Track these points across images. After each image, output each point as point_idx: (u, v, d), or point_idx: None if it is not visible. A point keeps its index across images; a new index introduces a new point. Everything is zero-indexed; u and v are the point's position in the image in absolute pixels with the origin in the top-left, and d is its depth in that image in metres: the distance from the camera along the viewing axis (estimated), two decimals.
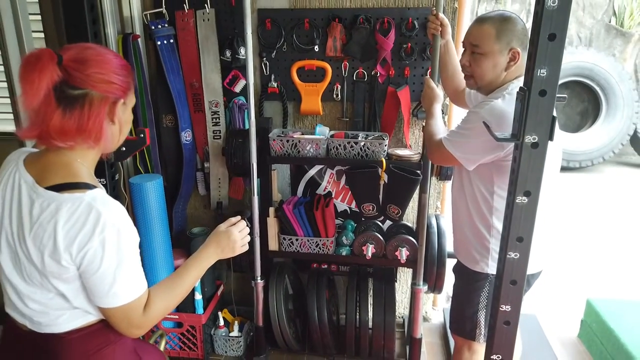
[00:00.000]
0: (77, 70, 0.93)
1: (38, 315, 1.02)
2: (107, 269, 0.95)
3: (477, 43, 1.46)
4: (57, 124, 0.93)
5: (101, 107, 0.97)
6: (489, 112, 1.40)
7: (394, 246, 2.04)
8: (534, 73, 1.11)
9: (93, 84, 0.95)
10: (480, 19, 1.49)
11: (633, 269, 3.35)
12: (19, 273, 1.00)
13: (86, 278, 0.96)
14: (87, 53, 0.96)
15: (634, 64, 6.23)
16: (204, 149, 2.25)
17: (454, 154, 1.47)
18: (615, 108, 5.62)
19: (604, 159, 5.66)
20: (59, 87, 0.92)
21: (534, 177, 1.19)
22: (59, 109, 0.93)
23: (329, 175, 2.28)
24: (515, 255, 1.26)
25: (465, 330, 1.66)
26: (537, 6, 1.09)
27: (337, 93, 2.15)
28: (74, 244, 0.92)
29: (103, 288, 0.96)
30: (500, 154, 1.41)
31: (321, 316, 2.11)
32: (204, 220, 2.45)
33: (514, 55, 1.43)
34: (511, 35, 1.42)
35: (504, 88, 1.46)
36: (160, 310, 1.06)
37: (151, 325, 1.06)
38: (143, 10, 2.12)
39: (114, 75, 0.97)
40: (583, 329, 2.47)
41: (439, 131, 1.60)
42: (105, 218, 0.93)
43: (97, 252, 0.93)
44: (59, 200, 0.94)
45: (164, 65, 2.08)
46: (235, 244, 1.21)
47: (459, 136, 1.48)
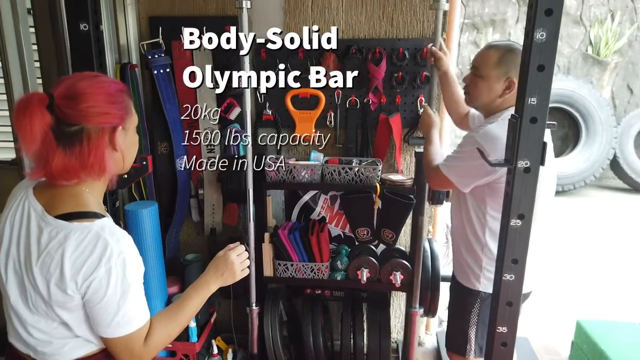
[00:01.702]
0: (69, 107, 0.92)
1: (42, 344, 1.01)
2: (111, 298, 0.95)
3: (477, 65, 1.55)
4: (60, 164, 0.94)
5: (100, 140, 0.96)
6: (482, 135, 1.47)
7: (388, 270, 2.06)
8: (524, 101, 1.17)
9: (87, 119, 0.94)
10: (490, 45, 1.58)
11: (620, 290, 3.41)
12: (25, 302, 0.99)
13: (90, 307, 0.96)
14: (77, 87, 0.94)
15: (611, 90, 6.47)
16: (198, 175, 2.27)
17: (450, 178, 1.53)
18: (594, 133, 5.79)
19: (585, 182, 5.80)
20: (55, 127, 0.92)
21: (527, 201, 1.24)
22: (59, 148, 0.93)
23: (323, 200, 2.31)
24: (510, 277, 1.29)
25: (457, 347, 1.70)
26: (526, 39, 1.16)
27: (331, 120, 2.20)
28: (80, 273, 0.93)
29: (106, 318, 0.96)
30: (494, 177, 1.48)
31: (316, 342, 2.11)
32: (197, 247, 2.45)
33: (509, 84, 1.51)
34: (511, 65, 1.49)
35: (499, 114, 1.53)
36: (161, 340, 1.06)
37: (152, 356, 1.05)
38: (140, 40, 2.16)
39: (107, 105, 0.96)
40: (574, 351, 2.49)
41: (436, 157, 1.66)
42: (112, 247, 0.93)
43: (103, 281, 0.93)
44: (68, 229, 0.94)
45: (160, 93, 2.12)
46: (234, 268, 1.20)
47: (455, 160, 1.54)
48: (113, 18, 2.06)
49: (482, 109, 1.61)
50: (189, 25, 2.06)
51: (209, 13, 2.16)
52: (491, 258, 1.54)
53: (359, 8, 2.11)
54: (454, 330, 1.71)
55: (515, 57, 1.49)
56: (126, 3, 2.09)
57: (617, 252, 4.14)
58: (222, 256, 1.21)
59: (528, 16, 1.14)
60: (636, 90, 6.51)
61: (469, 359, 1.67)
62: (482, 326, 1.62)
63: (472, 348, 1.65)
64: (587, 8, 6.31)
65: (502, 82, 1.51)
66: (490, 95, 1.53)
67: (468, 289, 1.64)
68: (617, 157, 5.84)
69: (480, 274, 1.60)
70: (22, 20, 1.85)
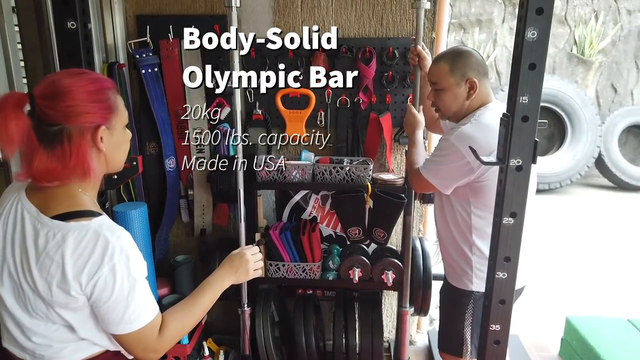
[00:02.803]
0: (48, 107, 0.90)
1: (41, 348, 0.99)
2: (119, 295, 0.94)
3: (435, 80, 1.58)
4: (42, 166, 0.92)
5: (82, 140, 0.93)
6: (457, 137, 1.49)
7: (380, 269, 2.06)
8: (516, 100, 1.17)
9: (67, 119, 0.91)
10: (437, 58, 1.62)
11: (609, 285, 3.46)
12: (22, 306, 0.97)
13: (98, 307, 0.95)
14: (58, 86, 0.92)
15: (595, 90, 6.57)
16: (188, 176, 2.25)
17: (431, 181, 1.56)
18: (580, 132, 5.87)
19: (571, 180, 5.88)
20: (37, 127, 0.90)
21: (519, 199, 1.24)
22: (41, 148, 0.91)
23: (314, 200, 2.31)
24: (503, 275, 1.30)
25: (453, 348, 1.70)
26: (517, 38, 1.17)
27: (321, 119, 2.19)
28: (83, 273, 0.91)
29: (117, 315, 0.95)
30: (472, 177, 1.50)
31: (308, 342, 2.10)
32: (187, 248, 2.43)
33: (471, 84, 1.53)
34: (465, 68, 1.53)
35: (471, 115, 1.55)
36: (176, 332, 1.05)
37: (167, 348, 1.04)
38: (127, 39, 2.13)
39: (87, 105, 0.93)
40: (564, 347, 2.52)
41: (419, 160, 1.68)
42: (113, 245, 0.92)
43: (108, 279, 0.92)
44: (66, 229, 0.92)
45: (148, 93, 2.09)
46: (248, 266, 1.22)
47: (434, 164, 1.57)
48: (100, 16, 2.03)
49: (453, 118, 1.63)
50: (177, 24, 2.08)
51: (198, 12, 2.14)
52: (481, 257, 1.56)
53: (349, 7, 2.10)
54: (448, 331, 1.70)
55: (465, 58, 1.54)
56: (113, 1, 2.06)
57: (603, 249, 4.20)
58: (237, 253, 1.23)
59: (519, 15, 1.15)
60: (620, 89, 6.61)
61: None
62: (477, 326, 1.62)
63: (468, 349, 1.64)
64: (571, 8, 6.40)
65: (464, 85, 1.54)
66: (458, 103, 1.56)
67: (461, 290, 1.64)
68: (602, 156, 5.93)
69: (472, 274, 1.60)
70: (7, 19, 1.81)
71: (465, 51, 1.57)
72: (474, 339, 1.62)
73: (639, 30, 6.47)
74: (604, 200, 5.75)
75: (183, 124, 2.18)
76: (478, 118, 1.51)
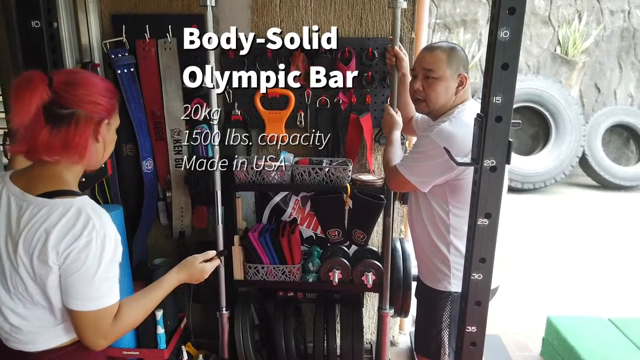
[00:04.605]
0: (66, 92, 0.99)
1: (17, 330, 1.03)
2: (88, 270, 0.98)
3: (431, 67, 1.53)
4: (45, 140, 0.98)
5: (87, 126, 1.02)
6: (437, 135, 1.47)
7: (360, 271, 2.04)
8: (489, 100, 1.16)
9: (80, 104, 1.00)
10: (430, 46, 1.58)
11: (590, 285, 3.48)
12: (3, 284, 1.02)
13: (65, 277, 0.98)
14: (76, 76, 1.03)
15: (579, 89, 6.62)
16: (165, 178, 2.21)
17: (409, 178, 1.53)
18: (564, 132, 5.92)
19: (555, 180, 5.92)
20: (48, 107, 0.97)
21: (493, 199, 1.23)
22: (47, 126, 0.98)
23: (294, 201, 2.28)
24: (478, 276, 1.29)
25: (430, 351, 1.67)
26: (490, 37, 1.15)
27: (301, 120, 2.17)
28: (61, 243, 0.96)
29: (79, 289, 0.99)
30: (451, 174, 1.48)
31: (288, 346, 2.08)
32: (166, 251, 2.39)
33: (462, 80, 1.53)
34: (459, 62, 1.53)
35: (450, 112, 1.54)
36: (129, 323, 1.09)
37: (117, 337, 1.07)
38: (103, 39, 2.09)
39: (99, 97, 1.03)
40: (545, 347, 2.52)
41: (395, 158, 1.65)
42: (94, 222, 0.98)
43: (82, 252, 0.97)
44: (51, 205, 0.98)
45: (124, 94, 2.05)
46: (202, 278, 1.29)
47: (412, 160, 1.54)
48: (73, 15, 1.98)
49: (434, 112, 1.59)
50: (154, 23, 2.05)
51: (174, 11, 2.10)
52: (459, 257, 1.54)
53: (328, 7, 2.08)
54: (426, 335, 1.68)
55: (458, 52, 1.54)
56: (87, 0, 2.02)
57: (586, 248, 4.23)
58: (200, 269, 1.28)
59: (492, 14, 1.14)
60: (603, 89, 6.68)
61: None
62: (455, 328, 1.61)
63: (446, 352, 1.61)
64: (555, 9, 6.44)
65: (456, 79, 1.53)
66: (447, 95, 1.55)
67: (438, 291, 1.61)
68: (586, 155, 5.98)
69: (450, 275, 1.58)
70: None
71: (455, 46, 1.56)
72: (452, 342, 1.60)
73: (621, 30, 6.54)
74: (588, 199, 5.80)
75: (160, 124, 2.15)
76: (457, 116, 1.50)
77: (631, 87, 6.70)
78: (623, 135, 6.59)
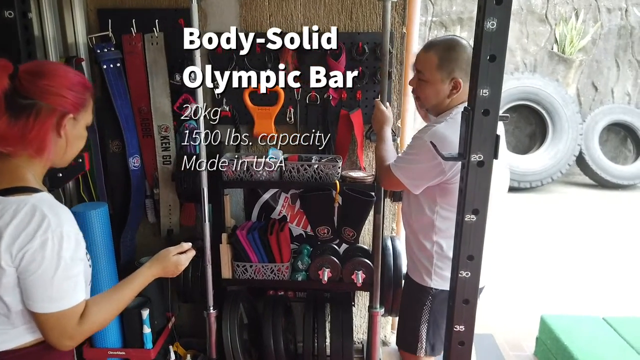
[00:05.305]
0: (29, 82, 0.96)
1: None
2: (46, 271, 0.94)
3: (421, 69, 1.53)
4: (1, 130, 0.95)
5: (47, 119, 0.97)
6: (430, 136, 1.45)
7: (350, 269, 2.01)
8: (476, 93, 1.13)
9: (42, 96, 0.96)
10: (428, 45, 1.54)
11: (585, 284, 3.45)
12: None
13: (24, 279, 0.95)
14: (44, 68, 0.99)
15: (576, 88, 6.59)
16: (153, 175, 2.18)
17: (401, 179, 1.52)
18: (560, 130, 5.89)
19: (552, 179, 5.89)
20: (9, 96, 0.94)
21: (481, 195, 1.20)
22: (5, 115, 0.94)
23: (283, 199, 2.25)
24: (466, 274, 1.26)
25: (407, 343, 1.68)
26: (477, 29, 1.12)
27: (290, 116, 2.14)
28: (15, 244, 0.93)
29: (39, 291, 0.95)
30: (443, 178, 1.46)
31: (277, 345, 2.05)
32: (154, 249, 2.30)
33: (455, 84, 1.48)
34: (453, 65, 1.47)
35: (447, 113, 1.52)
36: (97, 323, 1.05)
37: (84, 338, 1.04)
38: (88, 34, 2.05)
39: (65, 90, 0.98)
40: (538, 346, 2.49)
41: (388, 156, 1.64)
42: (49, 220, 0.94)
43: (37, 253, 0.93)
44: (4, 203, 0.95)
45: (110, 89, 2.02)
46: (178, 271, 1.24)
47: (406, 161, 1.53)
48: (57, 9, 1.95)
49: (432, 110, 1.60)
50: (140, 18, 2.01)
51: (162, 5, 2.07)
52: (441, 254, 1.56)
53: (318, 1, 2.05)
54: (405, 327, 1.71)
55: (456, 54, 1.47)
56: None
57: (581, 247, 4.20)
58: (175, 261, 1.23)
59: (478, 5, 1.11)
60: (600, 88, 6.65)
61: (420, 357, 1.64)
62: (434, 324, 1.62)
63: (422, 346, 1.64)
64: (552, 6, 6.41)
65: (448, 83, 1.49)
66: (438, 97, 1.52)
67: (420, 285, 1.63)
68: (583, 154, 5.96)
69: (432, 271, 1.59)
70: None
71: (458, 45, 1.48)
72: (429, 337, 1.62)
73: (619, 28, 6.52)
74: (585, 198, 5.78)
75: (147, 121, 2.11)
76: (454, 117, 1.47)
77: (628, 85, 6.67)
78: (620, 134, 6.57)
